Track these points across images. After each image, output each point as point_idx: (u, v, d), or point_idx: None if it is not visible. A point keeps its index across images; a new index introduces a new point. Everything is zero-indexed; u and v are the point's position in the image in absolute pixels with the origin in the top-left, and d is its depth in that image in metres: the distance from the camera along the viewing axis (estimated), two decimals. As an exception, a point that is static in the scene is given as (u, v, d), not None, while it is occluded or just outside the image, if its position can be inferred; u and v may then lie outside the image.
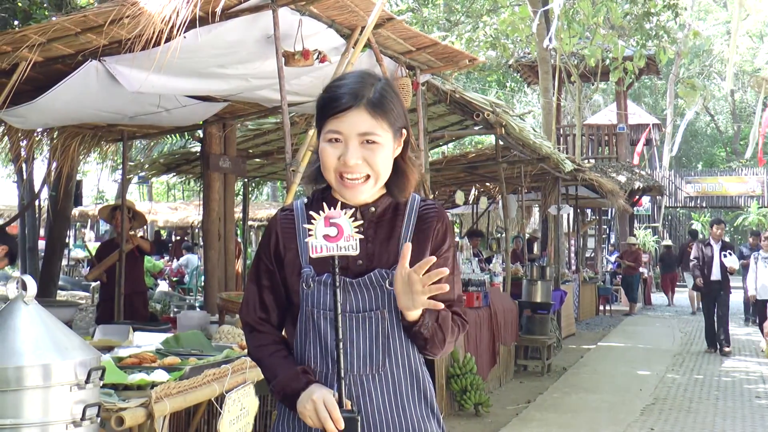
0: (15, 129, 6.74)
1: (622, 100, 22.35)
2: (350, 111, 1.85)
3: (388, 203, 1.98)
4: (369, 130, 1.86)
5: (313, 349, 1.92)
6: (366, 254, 1.92)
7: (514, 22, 16.58)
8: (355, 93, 1.86)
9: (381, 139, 1.87)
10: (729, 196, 27.12)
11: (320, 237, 1.77)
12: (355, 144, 1.86)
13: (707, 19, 35.25)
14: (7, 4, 9.36)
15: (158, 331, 4.74)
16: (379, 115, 1.86)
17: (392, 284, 1.88)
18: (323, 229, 1.77)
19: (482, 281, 8.41)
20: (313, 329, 1.92)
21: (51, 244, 10.97)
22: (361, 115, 1.85)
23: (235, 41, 4.98)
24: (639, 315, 17.88)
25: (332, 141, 1.87)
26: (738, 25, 13.25)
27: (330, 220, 1.78)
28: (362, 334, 1.90)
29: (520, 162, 11.53)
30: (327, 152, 1.87)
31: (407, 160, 1.98)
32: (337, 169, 1.87)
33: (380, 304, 1.91)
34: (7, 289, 2.45)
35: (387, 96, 1.90)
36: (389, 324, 1.91)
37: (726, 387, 9.07)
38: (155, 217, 21.60)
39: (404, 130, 1.95)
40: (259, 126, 9.67)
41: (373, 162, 1.87)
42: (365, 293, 1.91)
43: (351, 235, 1.77)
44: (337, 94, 1.87)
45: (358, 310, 1.91)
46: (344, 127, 1.85)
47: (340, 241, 1.77)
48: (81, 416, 2.38)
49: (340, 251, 1.78)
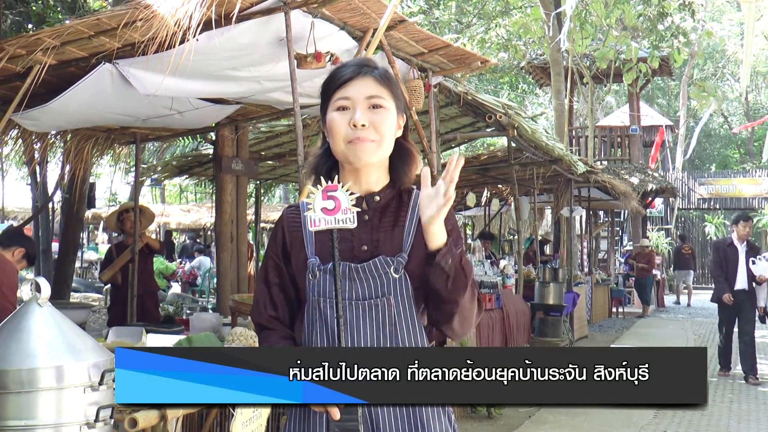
0: (29, 132, 6.78)
1: (634, 102, 22.24)
2: (356, 78, 1.94)
3: (393, 194, 2.00)
4: (376, 93, 1.94)
5: (320, 339, 1.93)
6: (371, 240, 1.94)
7: (527, 24, 16.55)
8: (360, 65, 1.98)
9: (387, 104, 1.94)
10: (743, 198, 26.94)
11: (318, 210, 1.79)
12: (363, 107, 1.92)
13: (721, 20, 35.08)
14: (21, 8, 9.42)
15: (171, 333, 4.75)
16: (384, 84, 1.95)
17: (397, 271, 1.90)
18: (321, 203, 1.79)
19: (494, 283, 8.39)
20: (319, 319, 1.93)
21: (64, 246, 11.02)
22: (367, 81, 1.94)
23: (248, 44, 4.99)
24: (652, 317, 17.80)
25: (340, 109, 1.93)
26: (752, 26, 13.16)
27: (327, 193, 1.80)
28: (368, 322, 1.91)
29: (532, 164, 11.50)
30: (336, 120, 1.93)
31: (409, 141, 2.04)
32: (347, 135, 1.92)
33: (386, 291, 1.91)
34: (22, 291, 2.46)
35: (389, 75, 2.01)
36: (395, 311, 1.91)
37: (740, 390, 9.01)
38: (168, 219, 21.67)
39: (405, 114, 2.03)
40: (272, 128, 9.69)
41: (380, 125, 1.92)
42: (370, 280, 1.91)
43: (348, 208, 1.79)
44: (342, 68, 1.98)
45: (363, 298, 1.91)
46: (351, 92, 1.93)
47: (338, 213, 1.79)
48: (94, 418, 2.39)
49: (338, 224, 1.79)
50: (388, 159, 1.99)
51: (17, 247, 5.08)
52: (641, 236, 21.20)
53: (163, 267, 14.55)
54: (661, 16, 16.48)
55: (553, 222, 18.35)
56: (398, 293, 1.91)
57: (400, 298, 1.91)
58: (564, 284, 11.17)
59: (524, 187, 13.62)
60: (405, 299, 1.91)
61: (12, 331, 2.38)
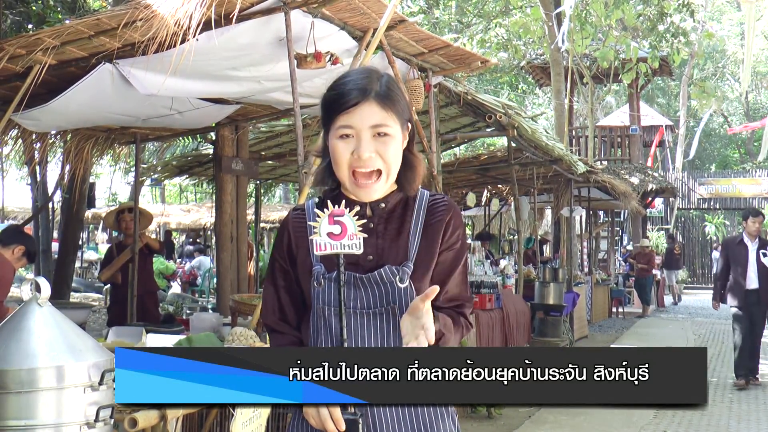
0: (29, 131, 6.78)
1: (634, 102, 22.25)
2: (360, 105, 1.86)
3: (398, 199, 1.98)
4: (380, 122, 1.87)
5: (324, 346, 1.93)
6: (376, 250, 1.92)
7: (526, 24, 16.55)
8: (363, 87, 1.87)
9: (392, 130, 1.88)
10: (743, 198, 26.93)
11: (324, 235, 1.77)
12: (368, 137, 1.87)
13: (721, 20, 35.07)
14: (21, 8, 9.42)
15: (171, 333, 4.75)
16: (388, 107, 1.88)
17: (402, 281, 1.89)
18: (327, 227, 1.77)
19: (494, 283, 8.40)
20: (324, 327, 1.92)
21: (64, 246, 11.02)
22: (371, 108, 1.87)
23: (248, 44, 4.99)
24: (652, 317, 17.80)
25: (344, 137, 1.88)
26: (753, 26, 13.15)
27: (334, 218, 1.78)
28: (373, 332, 1.90)
29: (532, 164, 11.50)
30: (339, 148, 1.88)
31: (414, 152, 2.00)
32: (351, 164, 1.88)
33: (392, 300, 1.90)
34: (22, 291, 2.46)
35: (393, 89, 1.92)
36: (401, 321, 1.90)
37: (740, 390, 9.00)
38: (168, 219, 21.66)
39: (409, 123, 1.97)
40: (272, 128, 9.69)
41: (386, 155, 1.88)
42: (375, 290, 1.91)
43: (355, 234, 1.77)
44: (345, 90, 1.88)
45: (368, 307, 1.91)
46: (355, 121, 1.86)
47: (344, 239, 1.77)
48: (94, 418, 2.39)
49: (344, 249, 1.77)
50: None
51: (17, 245, 5.09)
52: (641, 236, 21.21)
53: (163, 267, 14.54)
54: (660, 16, 16.47)
55: (553, 222, 18.35)
56: (403, 303, 1.90)
57: (405, 308, 1.89)
58: (564, 284, 11.18)
59: (524, 187, 13.62)
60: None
61: (12, 331, 2.39)
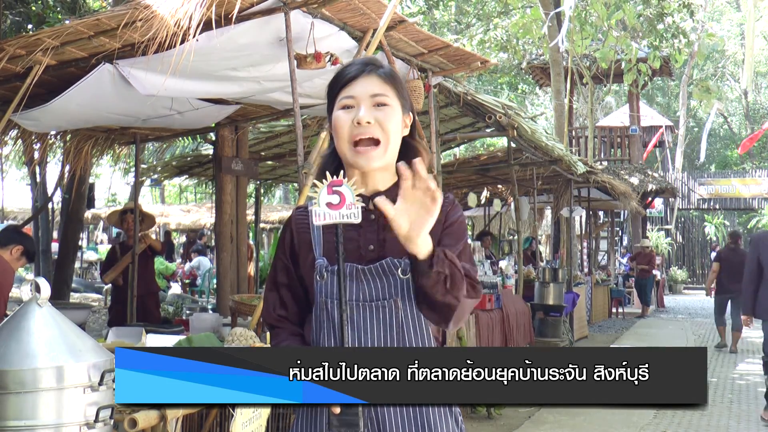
0: (29, 132, 6.79)
1: (634, 102, 22.25)
2: (361, 76, 1.94)
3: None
4: (380, 91, 1.93)
5: (327, 340, 1.92)
6: (378, 240, 1.93)
7: (526, 24, 16.55)
8: (365, 63, 1.98)
9: (391, 101, 1.94)
10: (742, 198, 26.95)
11: (323, 204, 1.79)
12: (368, 105, 1.92)
13: (721, 20, 35.08)
14: (21, 8, 9.42)
15: (171, 333, 4.75)
16: (389, 83, 1.95)
17: (405, 273, 1.89)
18: (326, 197, 1.79)
19: (494, 283, 8.39)
20: (327, 320, 1.93)
21: (64, 246, 11.01)
22: (372, 80, 1.94)
23: (248, 44, 4.99)
24: (652, 317, 17.79)
25: (345, 108, 1.93)
26: (753, 26, 13.15)
27: (333, 188, 1.79)
28: (376, 324, 1.90)
29: (532, 164, 11.50)
30: (340, 119, 1.93)
31: (417, 139, 2.04)
32: (351, 133, 1.91)
33: (393, 293, 1.90)
34: (21, 292, 2.46)
35: (394, 73, 2.00)
36: (403, 313, 1.90)
37: (740, 390, 9.01)
38: (167, 220, 21.66)
39: (411, 114, 2.02)
40: (272, 128, 9.69)
41: (384, 123, 1.91)
42: (377, 282, 1.91)
43: (353, 203, 1.78)
44: (348, 68, 1.98)
45: (371, 299, 1.90)
46: (356, 91, 1.93)
47: (342, 208, 1.78)
48: (94, 418, 2.39)
49: (343, 219, 1.78)
50: (395, 159, 1.96)
51: (15, 245, 5.08)
52: (641, 236, 21.21)
53: (163, 267, 14.55)
54: (660, 16, 16.48)
55: (552, 222, 18.36)
56: (406, 295, 1.90)
57: (408, 300, 1.90)
58: (564, 284, 11.18)
59: (524, 187, 13.61)
60: (413, 301, 1.90)
61: (12, 331, 2.39)
